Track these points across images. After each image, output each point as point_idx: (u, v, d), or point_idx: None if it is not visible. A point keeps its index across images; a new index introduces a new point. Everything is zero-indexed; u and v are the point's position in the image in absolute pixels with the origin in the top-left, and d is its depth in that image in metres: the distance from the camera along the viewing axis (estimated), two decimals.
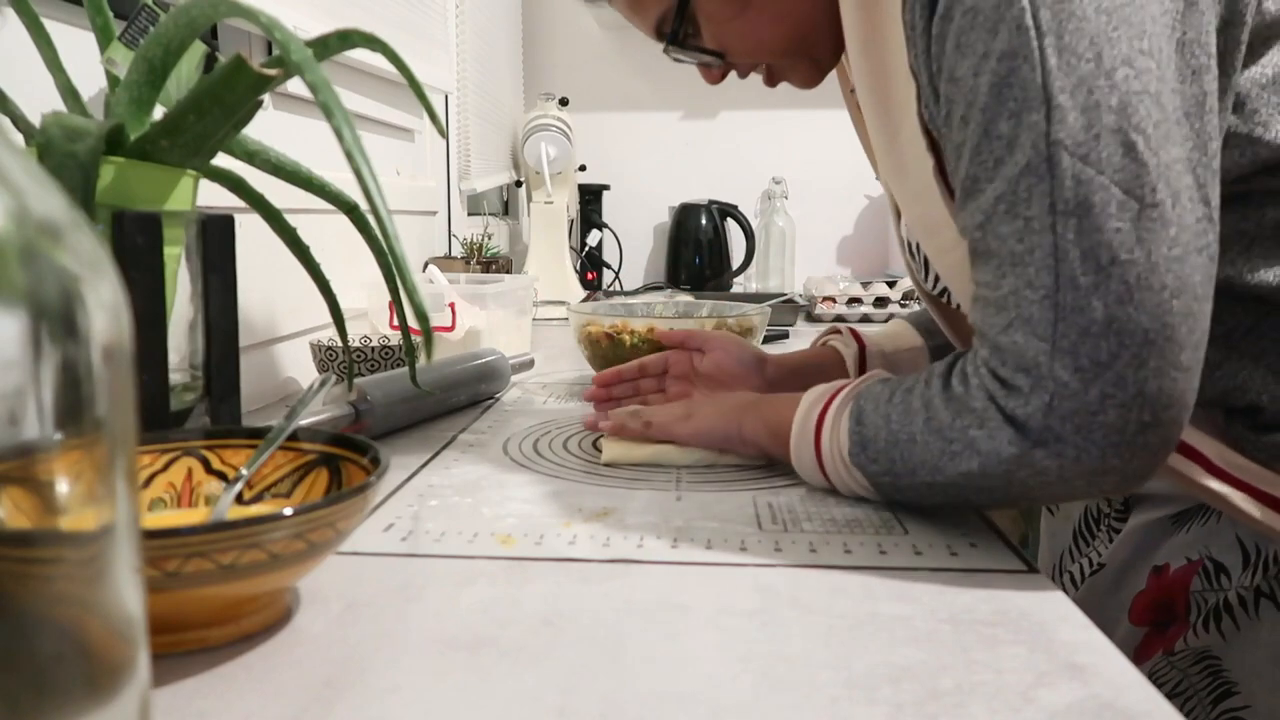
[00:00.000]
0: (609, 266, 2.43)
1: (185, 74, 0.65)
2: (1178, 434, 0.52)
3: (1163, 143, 0.50)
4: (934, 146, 0.60)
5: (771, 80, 0.79)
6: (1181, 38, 0.52)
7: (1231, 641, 0.65)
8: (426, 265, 1.39)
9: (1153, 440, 0.51)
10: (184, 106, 0.57)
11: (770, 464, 0.74)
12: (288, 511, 0.40)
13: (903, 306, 1.79)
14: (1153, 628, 0.70)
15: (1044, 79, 0.50)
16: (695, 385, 0.88)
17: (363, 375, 0.96)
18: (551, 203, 2.02)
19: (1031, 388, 0.51)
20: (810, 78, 0.77)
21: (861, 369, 0.88)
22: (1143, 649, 0.70)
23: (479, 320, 1.12)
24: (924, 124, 0.60)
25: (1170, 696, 0.65)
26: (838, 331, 0.93)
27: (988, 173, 0.53)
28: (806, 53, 0.75)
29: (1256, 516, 0.61)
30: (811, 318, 1.81)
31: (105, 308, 0.24)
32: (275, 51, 0.54)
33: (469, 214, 1.98)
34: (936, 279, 0.72)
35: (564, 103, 2.13)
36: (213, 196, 0.70)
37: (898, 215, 0.73)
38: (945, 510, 0.63)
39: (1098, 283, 0.50)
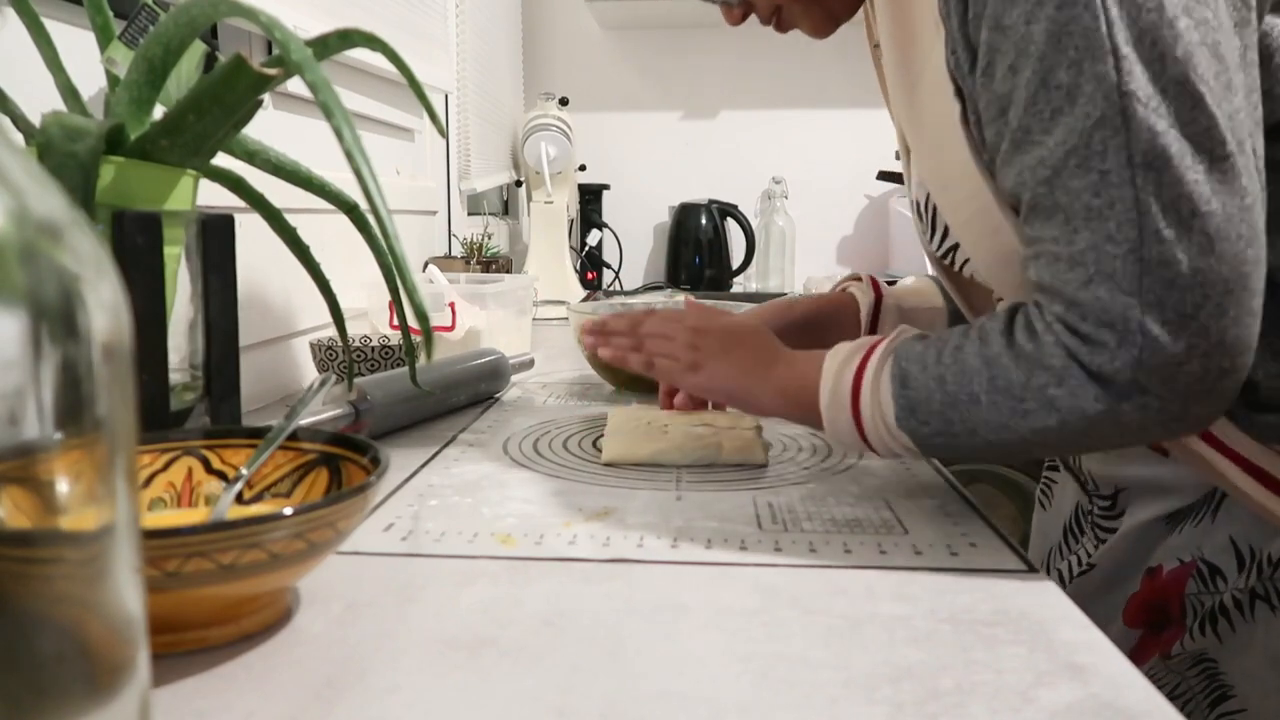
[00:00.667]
0: (609, 266, 2.43)
1: (185, 74, 0.65)
2: (1245, 377, 0.52)
3: (1225, 93, 0.50)
4: (959, 94, 0.59)
5: (782, 26, 0.77)
6: None
7: (1228, 644, 0.65)
8: (426, 265, 1.39)
9: (1229, 385, 0.52)
10: (184, 106, 0.57)
11: (769, 464, 0.74)
12: (288, 511, 0.40)
13: None
14: (1147, 630, 0.70)
15: (1108, 28, 0.50)
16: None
17: (363, 375, 0.96)
18: (551, 202, 2.02)
19: (1119, 342, 0.51)
20: (822, 26, 0.75)
21: (874, 320, 0.87)
22: (1138, 651, 0.70)
23: (479, 320, 1.12)
24: (950, 71, 0.59)
25: (1168, 700, 0.65)
26: (858, 279, 0.92)
27: (1043, 124, 0.53)
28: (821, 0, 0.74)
29: (1247, 491, 0.61)
30: None
31: (105, 308, 0.24)
32: (275, 51, 0.54)
33: (469, 214, 1.98)
34: (943, 239, 0.70)
35: (564, 102, 2.13)
36: (213, 196, 0.70)
37: (908, 176, 0.72)
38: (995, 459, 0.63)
39: (1180, 235, 0.49)
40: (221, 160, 0.67)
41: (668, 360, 0.71)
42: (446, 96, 1.81)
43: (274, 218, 0.69)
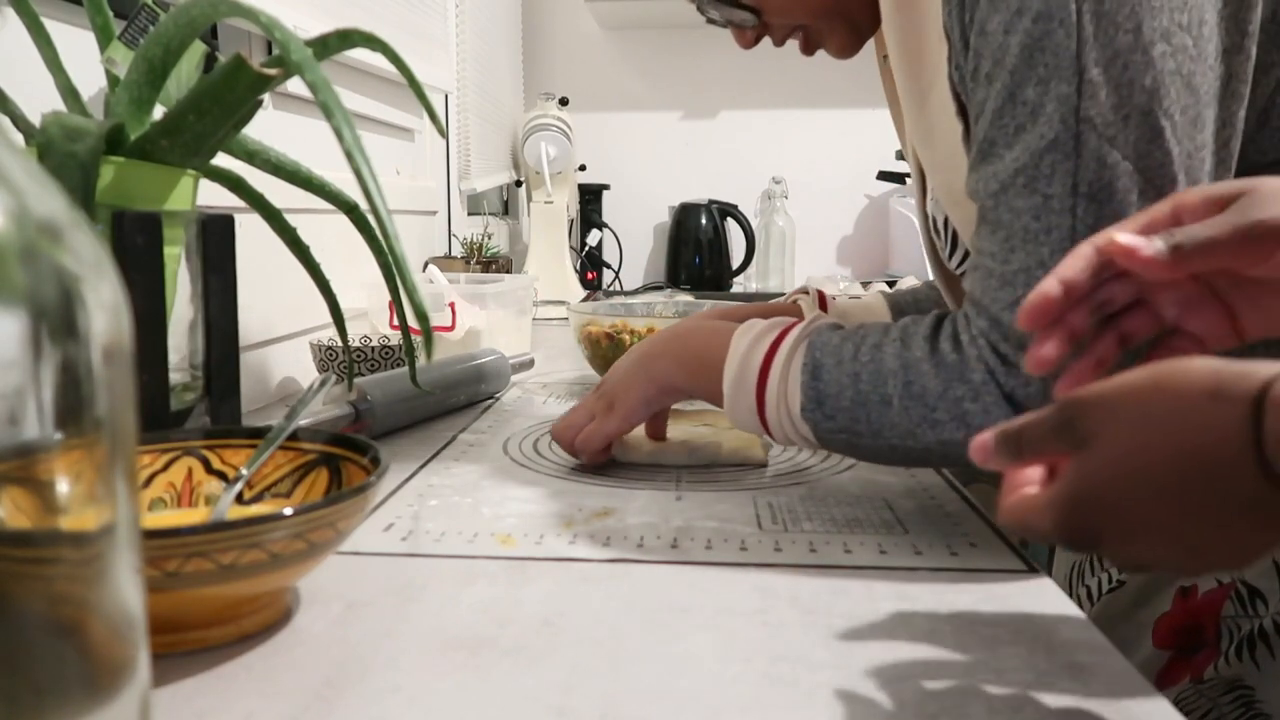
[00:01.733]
0: (609, 266, 2.43)
1: (185, 74, 0.65)
2: None
3: (1189, 129, 0.49)
4: (963, 113, 0.58)
5: (808, 47, 0.74)
6: (1221, 10, 0.50)
7: (1266, 671, 0.62)
8: (426, 265, 1.39)
9: None
10: (184, 106, 0.57)
11: (769, 464, 0.74)
12: (288, 511, 0.40)
13: None
14: (1177, 652, 0.68)
15: (1078, 47, 0.49)
16: None
17: (363, 375, 0.96)
18: (551, 202, 2.02)
19: None
20: (848, 44, 0.73)
21: None
22: (1167, 674, 0.67)
23: (479, 320, 1.12)
24: (954, 88, 0.57)
25: None
26: (805, 292, 0.91)
27: (1007, 138, 0.52)
28: (845, 15, 0.71)
29: None
30: None
31: (105, 308, 0.24)
32: (275, 51, 0.54)
33: (469, 214, 1.98)
34: (964, 258, 0.69)
35: (564, 103, 2.13)
36: (213, 196, 0.70)
37: (923, 190, 0.71)
38: (904, 469, 0.62)
39: None
40: (221, 160, 0.67)
41: (588, 424, 0.70)
42: (446, 96, 1.81)
43: (274, 218, 0.69)
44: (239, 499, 0.52)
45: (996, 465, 0.41)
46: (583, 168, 2.29)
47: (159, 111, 0.61)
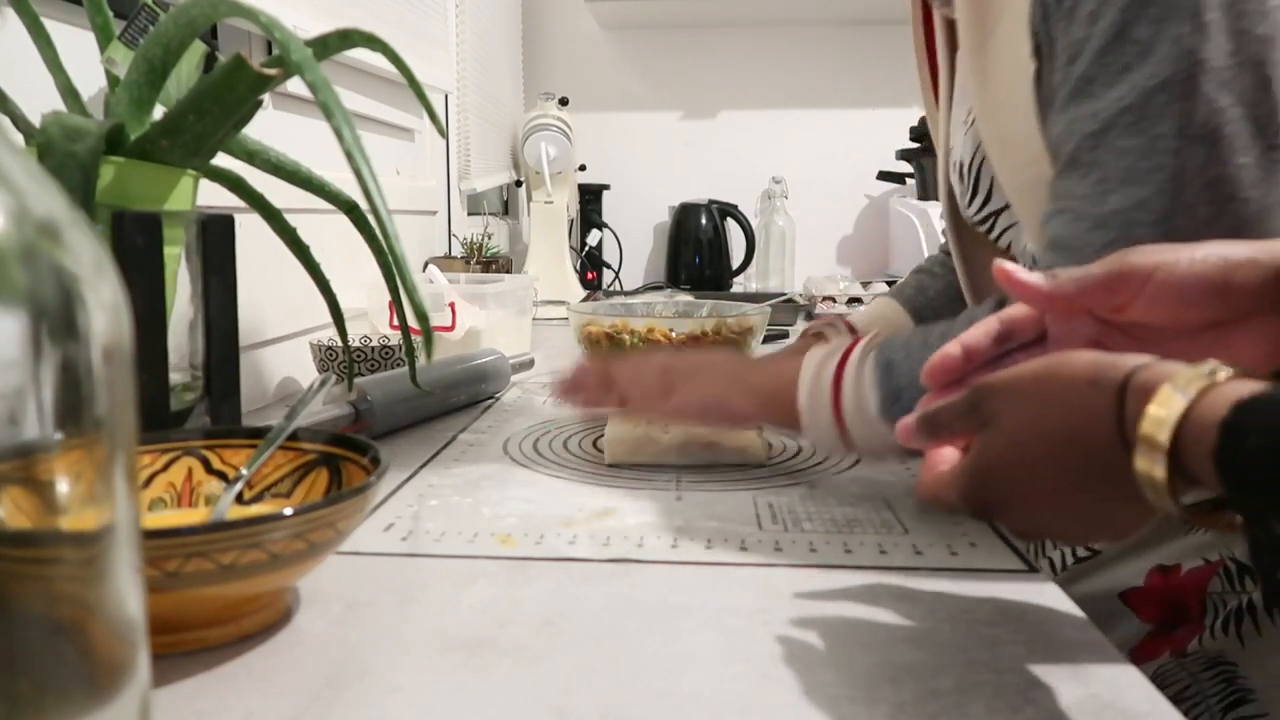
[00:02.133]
0: (609, 266, 2.43)
1: (185, 74, 0.65)
2: None
3: None
4: (1038, 52, 0.57)
5: None
6: None
7: (1251, 647, 0.63)
8: (426, 265, 1.39)
9: None
10: (184, 106, 0.57)
11: (769, 464, 0.74)
12: (288, 511, 0.40)
13: None
14: (1158, 627, 0.68)
15: None
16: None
17: (363, 375, 0.96)
18: (551, 202, 2.02)
19: None
20: None
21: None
22: (1144, 647, 0.68)
23: (479, 320, 1.12)
24: (1034, 26, 0.56)
25: (1177, 701, 0.63)
26: (829, 324, 0.91)
27: (1109, 77, 0.51)
28: None
29: None
30: (811, 318, 1.81)
31: (105, 308, 0.24)
32: (275, 51, 0.54)
33: (469, 214, 1.98)
34: (984, 203, 0.68)
35: (564, 103, 2.13)
36: (213, 196, 0.70)
37: (943, 135, 0.69)
38: None
39: (1213, 215, 0.48)
40: (221, 160, 0.67)
41: (640, 392, 0.71)
42: (446, 96, 1.81)
43: (274, 218, 0.69)
44: (239, 499, 0.52)
45: (917, 444, 0.45)
46: (583, 168, 2.29)
47: (159, 111, 0.61)
